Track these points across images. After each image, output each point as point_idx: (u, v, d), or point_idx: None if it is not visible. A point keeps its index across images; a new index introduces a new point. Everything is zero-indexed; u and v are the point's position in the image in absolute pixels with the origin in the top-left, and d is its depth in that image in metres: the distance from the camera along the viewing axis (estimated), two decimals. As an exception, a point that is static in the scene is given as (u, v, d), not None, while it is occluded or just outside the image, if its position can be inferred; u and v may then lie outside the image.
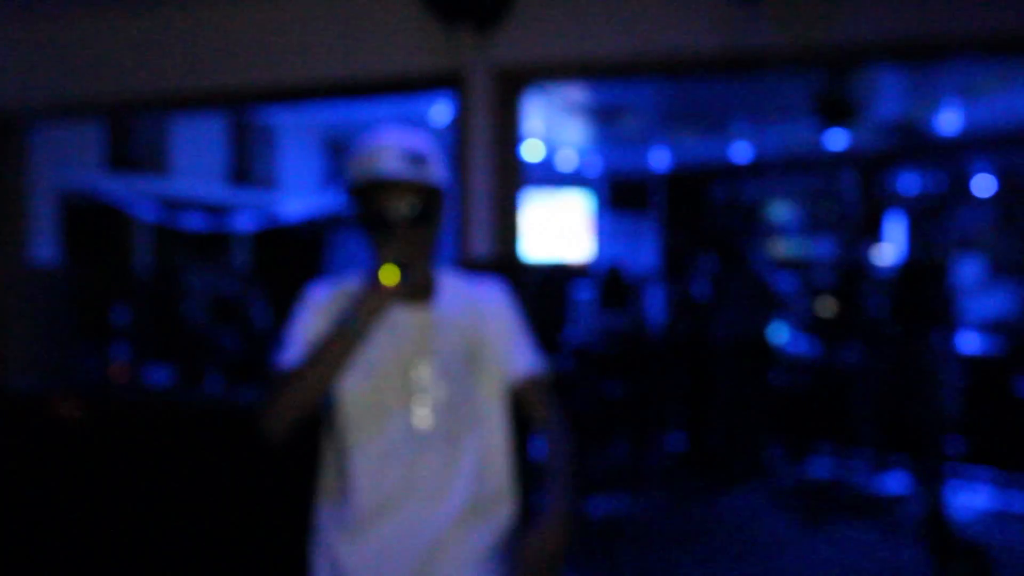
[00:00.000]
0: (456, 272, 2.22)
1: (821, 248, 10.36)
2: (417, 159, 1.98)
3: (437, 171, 2.03)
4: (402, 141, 2.00)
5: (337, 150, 8.73)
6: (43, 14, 4.64)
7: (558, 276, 8.80)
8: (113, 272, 6.80)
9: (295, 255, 8.46)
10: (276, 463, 4.09)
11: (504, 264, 3.99)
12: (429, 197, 2.01)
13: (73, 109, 4.79)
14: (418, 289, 2.09)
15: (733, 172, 10.88)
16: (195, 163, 7.29)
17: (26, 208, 4.96)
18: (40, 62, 4.70)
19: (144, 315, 5.97)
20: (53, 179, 5.26)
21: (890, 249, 9.35)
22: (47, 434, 4.54)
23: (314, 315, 2.07)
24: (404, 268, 1.87)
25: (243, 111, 7.09)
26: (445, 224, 2.09)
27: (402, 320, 2.06)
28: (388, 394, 2.04)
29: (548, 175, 10.48)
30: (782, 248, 10.69)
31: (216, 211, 7.51)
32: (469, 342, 2.11)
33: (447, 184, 2.07)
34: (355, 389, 2.04)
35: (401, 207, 1.97)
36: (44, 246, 5.12)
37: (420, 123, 7.56)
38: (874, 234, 9.66)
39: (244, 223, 7.75)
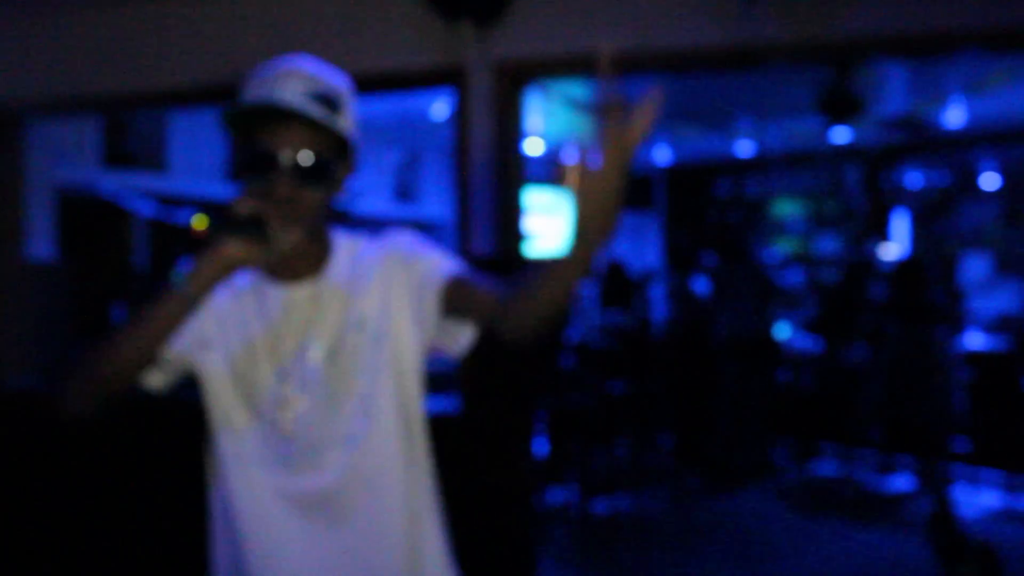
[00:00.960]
0: (354, 235, 1.77)
1: (826, 244, 10.33)
2: (327, 99, 1.55)
3: (347, 122, 1.60)
4: (315, 73, 1.57)
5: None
6: (39, 9, 4.59)
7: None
8: (111, 268, 6.75)
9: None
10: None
11: (506, 261, 3.94)
12: (330, 150, 1.56)
13: (70, 104, 4.74)
14: (299, 260, 1.65)
15: (736, 168, 10.85)
16: (193, 160, 7.23)
17: (22, 204, 4.90)
18: (36, 57, 4.65)
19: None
20: (50, 175, 5.20)
21: (895, 245, 9.31)
22: (45, 433, 4.49)
23: (211, 313, 1.66)
24: (263, 228, 1.44)
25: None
26: (341, 192, 1.64)
27: (277, 297, 1.66)
28: (255, 388, 1.64)
29: (547, 172, 10.43)
30: (786, 245, 10.66)
31: (214, 208, 7.47)
32: (364, 315, 1.67)
33: (355, 143, 1.63)
34: (216, 380, 1.66)
35: (291, 151, 1.51)
36: (41, 242, 5.07)
37: (421, 120, 7.51)
38: (879, 230, 9.62)
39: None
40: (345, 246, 1.73)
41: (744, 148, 9.82)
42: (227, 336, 1.66)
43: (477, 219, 3.99)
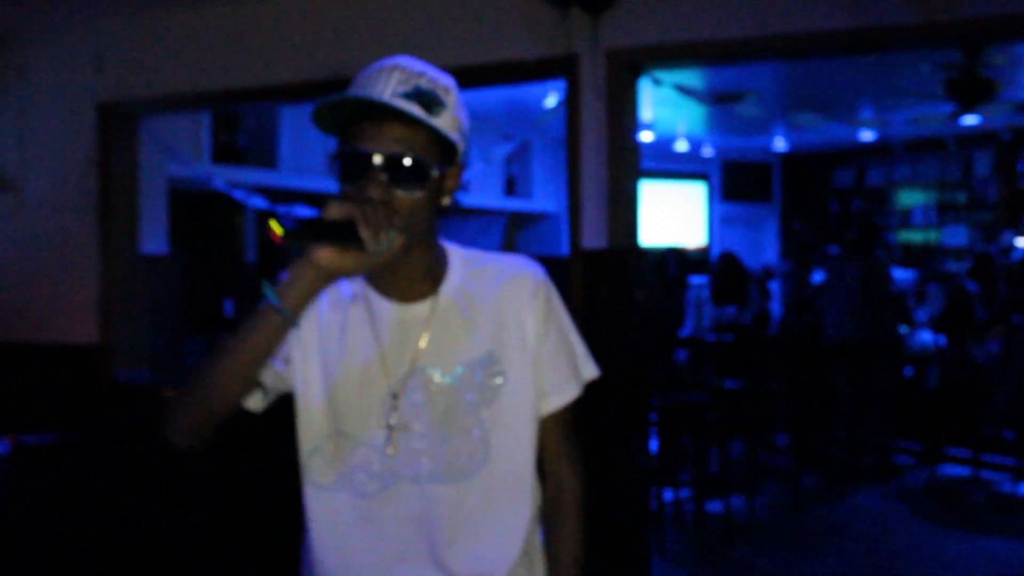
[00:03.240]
0: (472, 254, 1.64)
1: (955, 236, 9.94)
2: (426, 96, 1.43)
3: (450, 121, 1.47)
4: (414, 69, 1.46)
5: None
6: (154, 5, 4.63)
7: (675, 266, 8.55)
8: (223, 262, 6.84)
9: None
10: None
11: (621, 254, 3.82)
12: (429, 151, 1.43)
13: (183, 101, 4.78)
14: (409, 273, 1.53)
15: (857, 156, 10.55)
16: (302, 156, 7.27)
17: (137, 197, 4.96)
18: (151, 54, 4.70)
19: (253, 305, 5.96)
20: (163, 170, 5.27)
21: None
22: (157, 426, 4.54)
23: (312, 324, 1.56)
24: (355, 233, 1.32)
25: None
26: (450, 202, 1.53)
27: (390, 313, 1.54)
28: (354, 418, 1.53)
29: (659, 162, 10.27)
30: (912, 236, 10.30)
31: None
32: (488, 347, 1.55)
33: (464, 148, 1.52)
34: (311, 396, 1.55)
35: (383, 150, 1.40)
36: (155, 236, 5.14)
37: (531, 110, 7.43)
38: (1013, 220, 9.22)
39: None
40: (460, 261, 1.61)
41: (866, 135, 9.51)
42: (328, 350, 1.55)
43: (589, 211, 3.88)
